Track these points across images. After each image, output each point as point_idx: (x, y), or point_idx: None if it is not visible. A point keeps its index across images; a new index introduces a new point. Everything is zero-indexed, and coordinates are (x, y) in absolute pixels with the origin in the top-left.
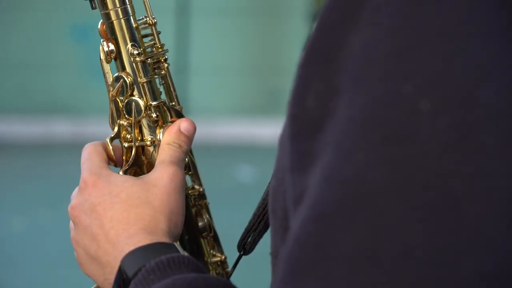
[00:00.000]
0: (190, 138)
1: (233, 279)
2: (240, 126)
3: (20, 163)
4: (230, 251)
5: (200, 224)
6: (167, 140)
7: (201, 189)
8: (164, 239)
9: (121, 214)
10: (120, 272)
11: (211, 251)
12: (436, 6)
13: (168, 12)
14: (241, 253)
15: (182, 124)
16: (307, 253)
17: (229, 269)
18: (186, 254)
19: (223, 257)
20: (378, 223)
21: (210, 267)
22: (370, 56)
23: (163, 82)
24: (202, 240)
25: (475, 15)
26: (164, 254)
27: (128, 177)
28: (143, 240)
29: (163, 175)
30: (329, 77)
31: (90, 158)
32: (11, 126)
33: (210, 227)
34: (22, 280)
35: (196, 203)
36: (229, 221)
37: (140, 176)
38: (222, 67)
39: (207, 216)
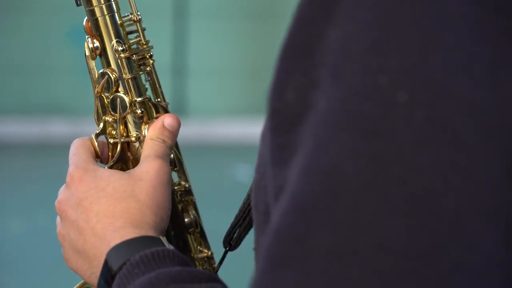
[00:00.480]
0: (174, 133)
1: (222, 275)
2: (238, 126)
3: (18, 163)
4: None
5: (186, 220)
6: (151, 135)
7: (187, 185)
8: (150, 232)
9: (107, 208)
10: (106, 265)
11: (198, 247)
12: (414, 1)
13: (166, 14)
14: (227, 248)
15: (166, 120)
16: (286, 246)
17: (216, 265)
18: (171, 247)
19: (209, 253)
20: (355, 217)
21: (197, 263)
22: (348, 50)
23: (149, 78)
24: (188, 236)
25: (452, 9)
26: (149, 248)
27: (114, 171)
28: (129, 233)
29: (149, 169)
30: (308, 70)
31: (77, 152)
32: (9, 127)
33: (196, 223)
34: (20, 282)
35: (183, 199)
36: (227, 220)
37: (127, 171)
38: (219, 68)
39: (194, 212)
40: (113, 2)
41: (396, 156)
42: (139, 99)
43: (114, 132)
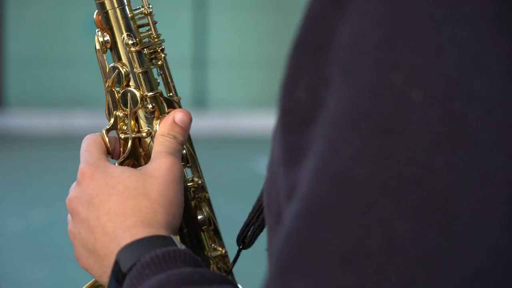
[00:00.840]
0: (185, 129)
1: (236, 273)
2: (258, 118)
3: (39, 155)
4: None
5: (199, 217)
6: (162, 131)
7: (200, 182)
8: (162, 231)
9: (118, 206)
10: (117, 265)
11: (212, 244)
12: None
13: (186, 6)
14: (241, 247)
15: (177, 115)
16: (296, 251)
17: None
18: (183, 247)
19: (223, 251)
20: (365, 220)
21: (211, 261)
22: (359, 46)
23: (161, 73)
24: (202, 233)
25: (464, 3)
26: (160, 248)
27: (125, 168)
28: (140, 232)
29: (160, 166)
30: (318, 67)
31: (88, 149)
32: (32, 119)
33: (210, 221)
34: (43, 275)
35: (196, 195)
36: (248, 213)
37: (138, 168)
38: (239, 60)
39: (207, 209)
40: None
41: (410, 157)
42: (150, 93)
43: (125, 128)
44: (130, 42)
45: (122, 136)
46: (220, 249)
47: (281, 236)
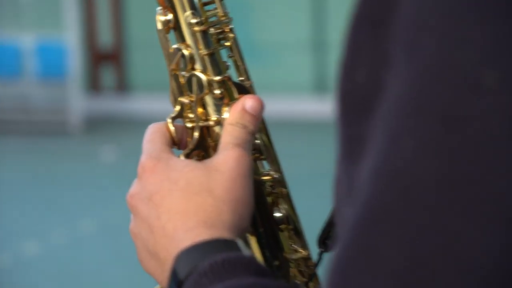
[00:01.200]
0: (256, 117)
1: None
2: None
3: None
4: None
5: (277, 215)
6: (230, 120)
7: (276, 176)
8: (226, 233)
9: (180, 203)
10: (174, 272)
11: (292, 245)
12: None
13: None
14: (322, 249)
15: (247, 102)
16: (354, 257)
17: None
18: (248, 252)
19: (305, 253)
20: (431, 228)
21: (292, 264)
22: (422, 19)
23: (232, 55)
24: (280, 233)
25: None
26: (221, 254)
27: (189, 161)
28: (202, 234)
29: (227, 158)
30: (379, 45)
31: (151, 139)
32: (155, 103)
33: (288, 219)
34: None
35: (273, 191)
36: None
37: (203, 161)
38: None
39: (286, 206)
40: None
41: (483, 152)
42: (217, 78)
43: (192, 115)
44: (194, 21)
45: (189, 125)
46: (302, 250)
47: (341, 239)
